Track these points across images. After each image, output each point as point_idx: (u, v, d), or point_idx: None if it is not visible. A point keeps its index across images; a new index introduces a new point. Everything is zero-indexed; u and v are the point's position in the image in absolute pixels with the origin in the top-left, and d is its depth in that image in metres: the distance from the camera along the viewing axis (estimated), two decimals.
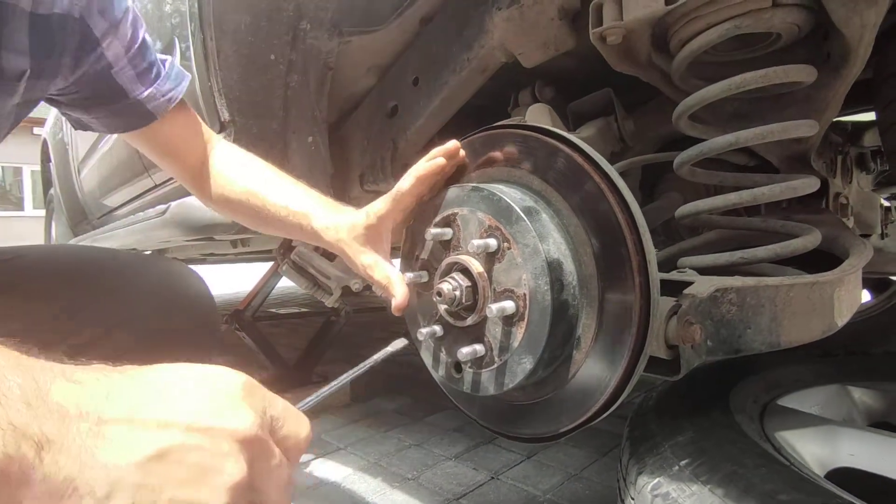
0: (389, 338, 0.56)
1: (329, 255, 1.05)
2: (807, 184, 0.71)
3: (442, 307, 0.58)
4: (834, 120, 0.95)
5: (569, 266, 0.52)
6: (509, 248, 0.53)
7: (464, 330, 0.58)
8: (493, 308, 0.51)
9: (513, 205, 0.53)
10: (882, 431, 0.71)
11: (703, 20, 0.65)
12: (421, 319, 0.64)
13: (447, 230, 0.58)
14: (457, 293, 0.56)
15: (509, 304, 0.52)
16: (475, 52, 0.89)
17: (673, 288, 0.55)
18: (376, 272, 0.63)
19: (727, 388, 0.78)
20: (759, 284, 0.58)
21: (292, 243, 1.07)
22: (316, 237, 0.69)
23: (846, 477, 0.65)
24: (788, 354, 0.73)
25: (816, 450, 0.67)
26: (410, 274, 0.61)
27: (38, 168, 3.73)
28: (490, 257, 0.54)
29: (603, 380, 0.51)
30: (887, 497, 0.65)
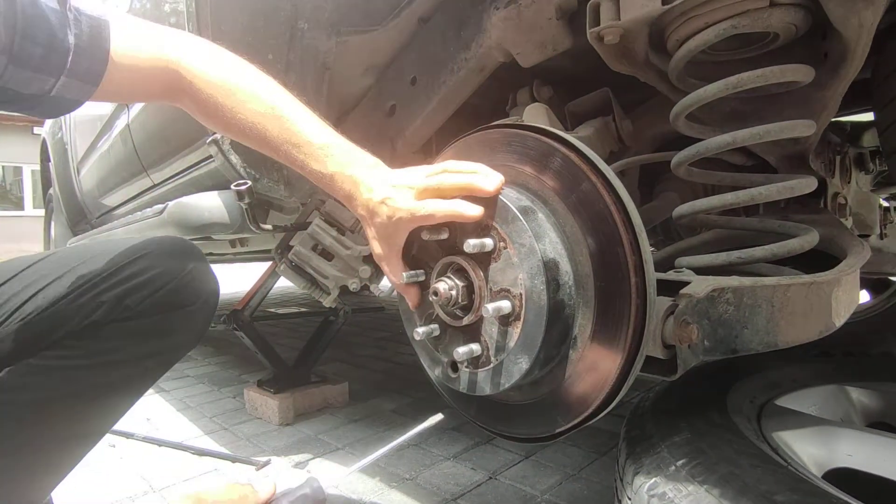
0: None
1: (327, 255, 1.05)
2: (804, 184, 0.71)
3: (438, 306, 0.58)
4: (832, 120, 0.95)
5: (565, 266, 0.52)
6: (505, 248, 0.53)
7: (460, 329, 0.58)
8: (490, 308, 0.51)
9: (509, 204, 0.53)
10: (880, 432, 0.70)
11: (701, 19, 0.65)
12: (417, 318, 0.64)
13: (443, 229, 0.57)
14: (453, 293, 0.56)
15: (505, 304, 0.52)
16: (473, 52, 0.89)
17: (670, 288, 0.55)
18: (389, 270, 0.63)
19: (724, 389, 0.78)
20: (756, 284, 0.58)
21: (290, 242, 1.07)
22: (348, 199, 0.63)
23: (843, 477, 0.65)
24: (786, 354, 0.73)
25: (814, 450, 0.67)
26: (406, 273, 0.61)
27: (38, 168, 3.72)
28: (486, 257, 0.54)
29: (599, 380, 0.51)
30: (885, 498, 0.64)
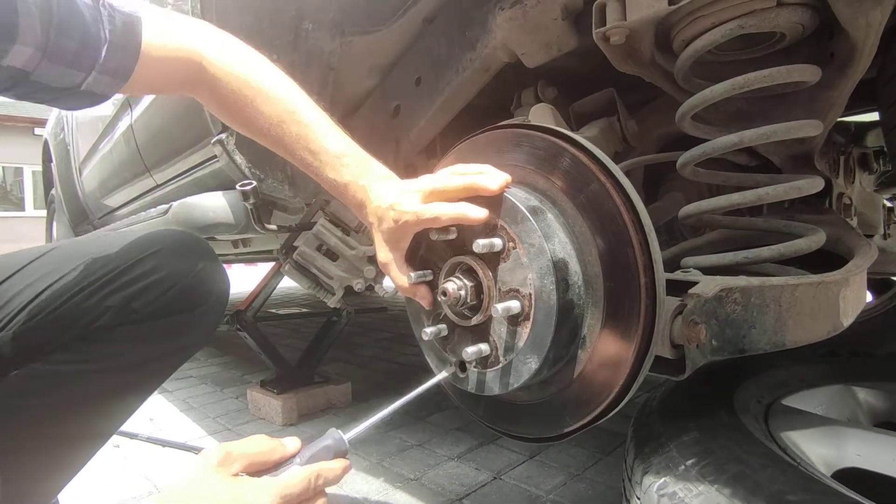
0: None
1: (332, 256, 1.05)
2: (811, 184, 0.71)
3: (447, 306, 0.58)
4: (837, 120, 0.95)
5: (574, 266, 0.52)
6: (514, 248, 0.53)
7: (469, 329, 0.58)
8: (499, 308, 0.51)
9: (518, 204, 0.53)
10: (888, 432, 0.70)
11: (707, 20, 0.65)
12: (425, 319, 0.63)
13: (452, 230, 0.57)
14: (462, 293, 0.56)
15: (514, 304, 0.52)
16: (478, 52, 0.89)
17: (678, 288, 0.55)
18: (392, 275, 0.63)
19: (732, 388, 0.78)
20: (764, 284, 0.58)
21: (295, 242, 1.07)
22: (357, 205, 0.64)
23: (852, 477, 0.65)
24: (793, 354, 0.73)
25: (822, 450, 0.67)
26: (415, 273, 0.61)
27: (40, 168, 3.73)
28: (495, 257, 0.54)
29: (608, 379, 0.51)
30: (894, 498, 0.64)
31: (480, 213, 0.54)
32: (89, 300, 0.68)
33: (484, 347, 0.55)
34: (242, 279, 3.91)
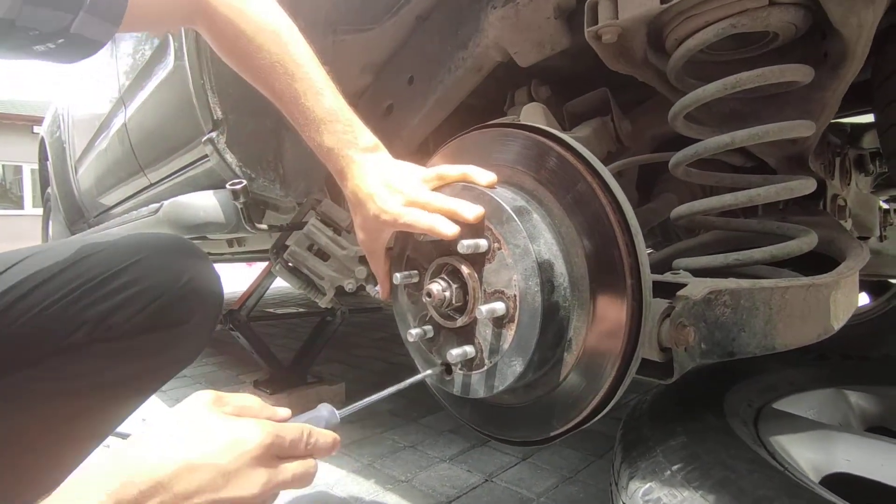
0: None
1: (323, 256, 1.04)
2: (803, 185, 0.70)
3: (432, 308, 0.58)
4: (832, 121, 0.94)
5: (560, 267, 0.51)
6: (500, 249, 0.52)
7: (454, 331, 0.57)
8: (483, 309, 0.51)
9: (503, 204, 0.52)
10: (879, 436, 0.70)
11: (699, 19, 0.65)
12: (411, 320, 0.63)
13: None
14: (446, 294, 0.55)
15: (499, 306, 0.51)
16: (471, 51, 0.88)
17: (667, 290, 0.54)
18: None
19: (721, 392, 0.77)
20: (754, 287, 0.57)
21: (286, 242, 1.06)
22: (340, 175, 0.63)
23: (841, 483, 0.64)
24: (784, 357, 0.72)
25: (811, 455, 0.66)
26: (400, 274, 0.60)
27: (38, 167, 3.72)
28: (480, 258, 0.54)
29: (594, 383, 0.50)
30: (883, 503, 0.64)
31: (451, 230, 0.53)
32: (66, 312, 0.63)
33: (469, 349, 0.55)
34: (241, 278, 3.91)
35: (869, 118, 1.16)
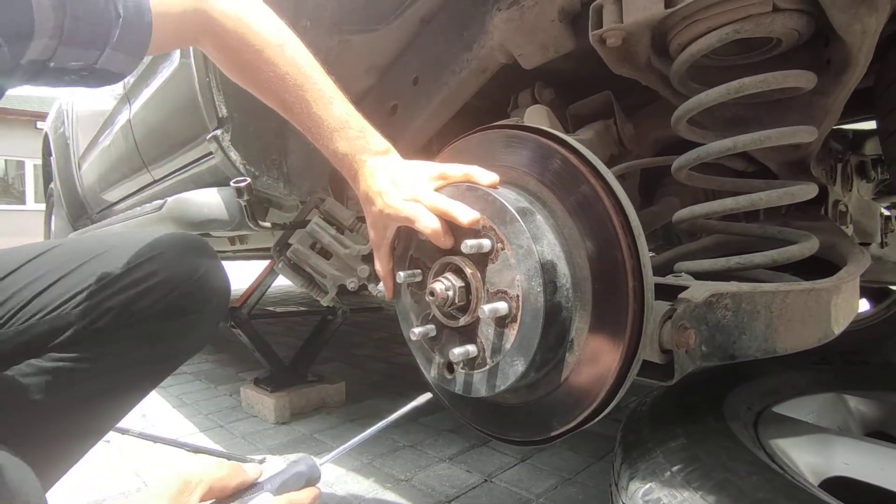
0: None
1: (325, 254, 1.04)
2: (805, 190, 0.70)
3: (435, 307, 0.58)
4: (835, 127, 0.95)
5: (563, 268, 0.52)
6: (503, 249, 0.52)
7: (456, 330, 0.58)
8: (486, 309, 0.51)
9: (507, 205, 0.52)
10: (878, 441, 0.70)
11: (703, 24, 0.65)
12: (414, 319, 0.63)
13: None
14: (450, 293, 0.55)
15: (502, 306, 0.52)
16: (475, 53, 0.89)
17: (668, 292, 0.55)
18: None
19: (721, 395, 0.78)
20: (755, 290, 0.57)
21: (289, 240, 1.06)
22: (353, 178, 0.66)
23: (841, 487, 0.64)
24: (784, 361, 0.73)
25: (811, 458, 0.66)
26: (403, 273, 0.60)
27: (41, 162, 3.73)
28: (483, 258, 0.54)
29: (596, 383, 0.51)
30: None
31: (446, 243, 0.56)
32: (90, 300, 0.68)
33: (471, 349, 0.55)
34: (241, 276, 3.91)
35: (871, 125, 1.16)
